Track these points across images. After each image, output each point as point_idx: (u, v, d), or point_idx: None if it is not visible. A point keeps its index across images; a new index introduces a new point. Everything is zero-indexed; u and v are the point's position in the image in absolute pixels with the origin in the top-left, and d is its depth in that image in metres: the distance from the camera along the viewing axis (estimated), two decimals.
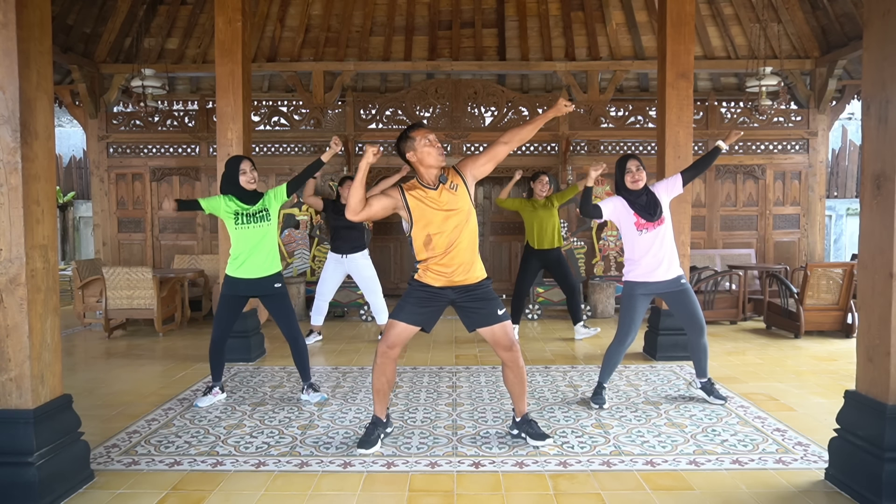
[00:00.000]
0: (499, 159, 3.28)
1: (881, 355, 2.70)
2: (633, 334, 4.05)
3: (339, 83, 8.62)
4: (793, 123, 8.52)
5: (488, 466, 3.14)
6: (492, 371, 4.99)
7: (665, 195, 4.02)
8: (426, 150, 3.17)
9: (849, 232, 11.05)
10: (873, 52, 2.77)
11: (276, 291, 4.22)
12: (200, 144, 8.55)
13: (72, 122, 12.99)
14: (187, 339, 6.42)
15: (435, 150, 3.17)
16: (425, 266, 3.25)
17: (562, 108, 3.22)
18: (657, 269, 3.94)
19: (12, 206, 2.66)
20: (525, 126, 3.25)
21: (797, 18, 8.26)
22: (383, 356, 3.28)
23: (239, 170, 4.10)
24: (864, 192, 2.80)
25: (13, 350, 2.70)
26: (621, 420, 3.81)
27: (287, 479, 3.01)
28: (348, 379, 4.80)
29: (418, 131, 3.21)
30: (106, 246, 8.63)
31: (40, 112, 2.77)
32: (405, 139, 3.22)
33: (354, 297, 7.55)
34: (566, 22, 8.66)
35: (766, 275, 7.21)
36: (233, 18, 5.48)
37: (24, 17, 2.65)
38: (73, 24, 7.88)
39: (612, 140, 8.44)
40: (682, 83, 5.27)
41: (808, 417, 3.85)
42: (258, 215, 4.14)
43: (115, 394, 4.46)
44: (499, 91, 8.38)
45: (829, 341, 6.13)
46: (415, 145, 3.19)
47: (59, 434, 2.84)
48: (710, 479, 3.00)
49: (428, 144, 3.17)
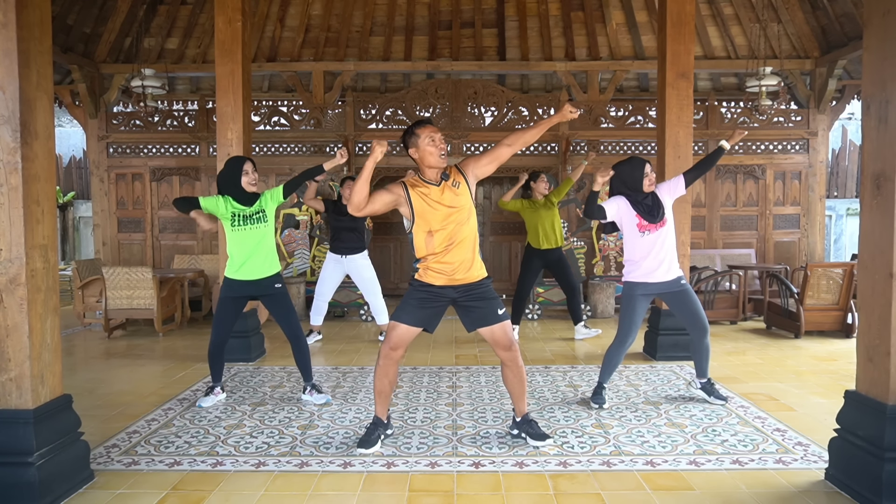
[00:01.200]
0: (501, 160, 3.29)
1: (881, 355, 2.70)
2: (634, 335, 4.05)
3: (339, 83, 8.62)
4: (793, 123, 8.52)
5: (488, 466, 3.15)
6: (492, 371, 4.99)
7: (668, 197, 4.02)
8: (428, 150, 3.17)
9: (849, 232, 11.05)
10: (873, 52, 2.77)
11: (276, 291, 4.21)
12: (200, 144, 8.54)
13: (72, 122, 12.98)
14: (187, 339, 6.42)
15: (436, 151, 3.17)
16: (425, 265, 3.25)
17: (567, 113, 3.20)
18: (657, 270, 3.94)
19: (12, 206, 2.66)
20: (529, 129, 3.24)
21: (797, 18, 8.26)
22: (386, 358, 3.28)
23: (241, 171, 4.08)
24: (864, 192, 2.80)
25: (13, 350, 2.70)
26: (621, 420, 3.81)
27: (287, 479, 3.01)
28: (348, 379, 4.80)
29: (424, 128, 3.20)
30: (106, 246, 8.63)
31: (40, 112, 2.77)
32: (410, 134, 3.23)
33: (354, 297, 7.55)
34: (566, 22, 8.66)
35: (766, 275, 7.21)
36: (233, 18, 5.48)
37: (24, 17, 2.65)
38: (73, 24, 7.87)
39: (612, 140, 8.44)
40: (682, 83, 5.27)
41: (808, 417, 3.85)
42: (255, 217, 4.12)
43: (115, 394, 4.46)
44: (499, 91, 8.38)
45: (829, 341, 6.13)
46: (418, 142, 3.19)
47: (59, 434, 2.84)
48: (710, 479, 3.00)
49: (430, 143, 3.17)
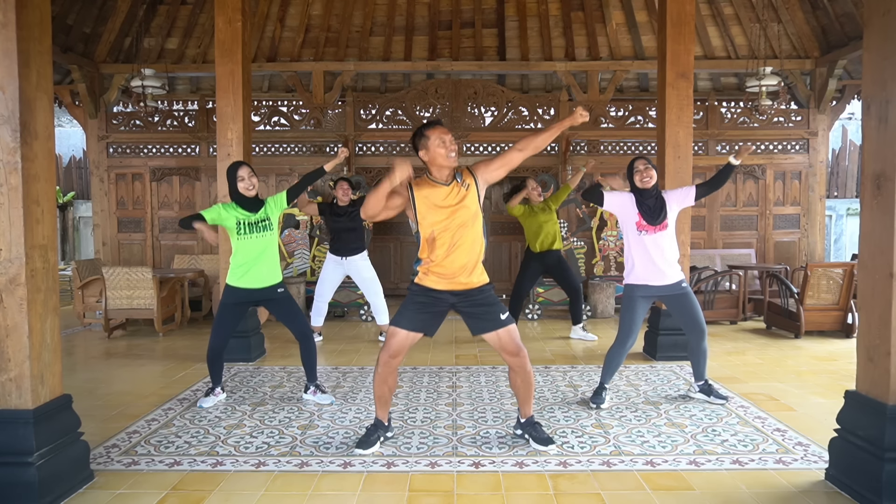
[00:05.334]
0: (512, 166, 3.24)
1: (881, 355, 2.70)
2: (634, 336, 4.05)
3: (339, 83, 8.62)
4: (793, 123, 8.52)
5: (488, 466, 3.14)
6: (492, 371, 4.99)
7: (675, 204, 4.02)
8: (438, 151, 3.14)
9: (849, 232, 11.05)
10: (873, 52, 2.77)
11: (279, 296, 4.19)
12: (200, 144, 8.55)
13: (72, 122, 12.99)
14: (187, 339, 6.42)
15: (445, 151, 3.13)
16: (426, 268, 3.23)
17: (577, 117, 3.16)
18: (656, 273, 3.95)
19: (12, 206, 2.65)
20: (540, 134, 3.19)
21: (797, 18, 8.26)
22: (385, 366, 3.26)
23: (237, 177, 4.04)
24: (864, 192, 2.80)
25: (13, 350, 2.70)
26: (621, 420, 3.80)
27: (287, 479, 3.01)
28: (348, 379, 4.80)
29: (434, 130, 3.16)
30: (106, 246, 8.63)
31: (40, 112, 2.77)
32: (421, 136, 3.18)
33: (354, 297, 7.55)
34: (566, 22, 8.66)
35: (766, 275, 7.21)
36: (233, 18, 5.48)
37: (24, 17, 2.65)
38: (73, 24, 7.87)
39: (611, 140, 8.45)
40: (682, 83, 5.27)
41: (808, 417, 3.85)
42: (260, 225, 4.08)
43: (115, 394, 4.46)
44: (499, 91, 8.38)
45: (829, 341, 6.13)
46: (428, 144, 3.15)
47: (59, 434, 2.84)
48: (710, 479, 3.00)
49: (441, 145, 3.13)
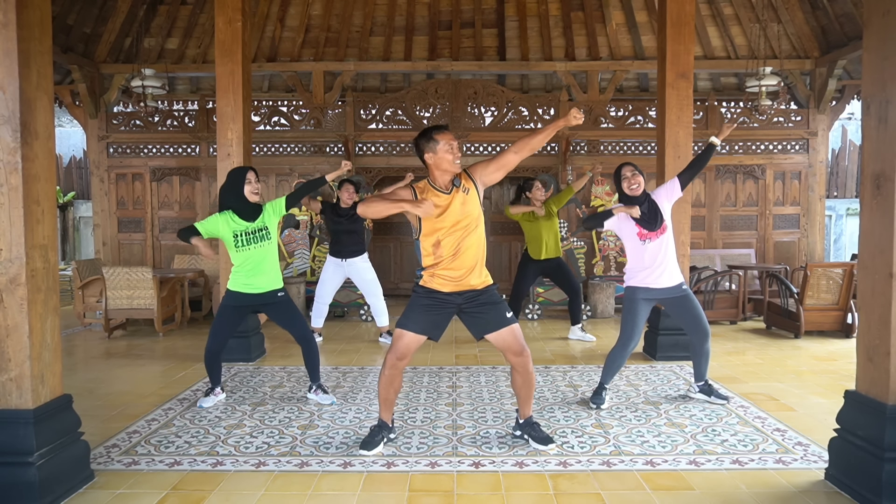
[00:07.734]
0: (508, 168, 3.23)
1: (881, 355, 2.70)
2: (636, 338, 4.04)
3: (339, 83, 8.62)
4: (793, 123, 8.52)
5: (488, 466, 3.15)
6: (492, 371, 4.99)
7: (666, 202, 4.01)
8: (445, 157, 3.13)
9: (849, 232, 11.05)
10: (873, 52, 2.77)
11: (279, 300, 4.18)
12: (200, 144, 8.54)
13: (72, 122, 12.99)
14: (187, 339, 6.42)
15: (452, 157, 3.13)
16: (432, 272, 3.22)
17: (572, 119, 3.14)
18: (660, 276, 3.94)
19: (12, 206, 2.66)
20: (535, 135, 3.16)
21: (797, 18, 8.26)
22: (392, 368, 3.27)
23: (245, 178, 4.04)
24: (864, 192, 2.80)
25: (13, 350, 2.70)
26: (621, 420, 3.81)
27: (287, 479, 3.01)
28: (348, 379, 4.80)
29: (444, 134, 3.14)
30: (106, 246, 8.63)
31: (40, 112, 2.77)
32: (429, 139, 3.15)
33: (354, 297, 7.55)
34: (566, 22, 8.66)
35: (766, 275, 7.21)
36: (233, 18, 5.48)
37: (24, 17, 2.65)
38: (73, 24, 7.87)
39: (611, 140, 8.44)
40: (682, 83, 5.27)
41: (808, 417, 3.85)
42: (258, 234, 4.06)
43: (115, 394, 4.46)
44: (499, 91, 8.38)
45: (829, 341, 6.13)
46: (437, 148, 3.13)
47: (59, 434, 2.84)
48: (710, 479, 3.00)
49: (449, 151, 3.12)
